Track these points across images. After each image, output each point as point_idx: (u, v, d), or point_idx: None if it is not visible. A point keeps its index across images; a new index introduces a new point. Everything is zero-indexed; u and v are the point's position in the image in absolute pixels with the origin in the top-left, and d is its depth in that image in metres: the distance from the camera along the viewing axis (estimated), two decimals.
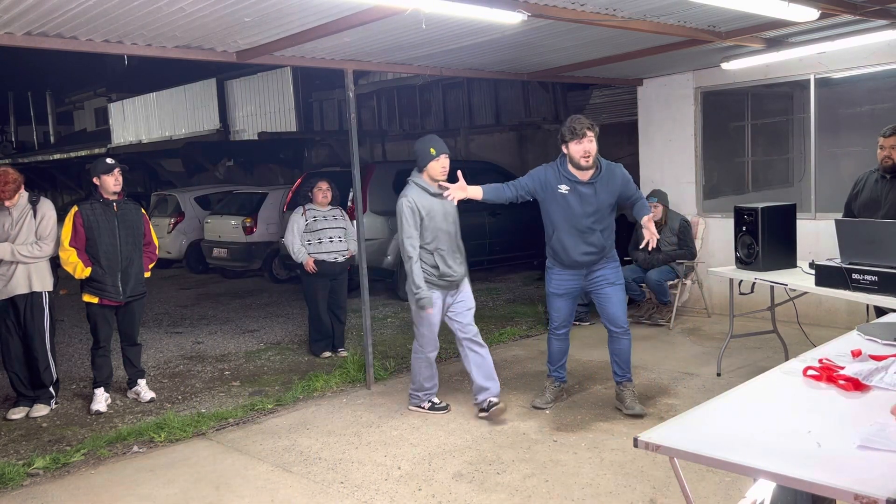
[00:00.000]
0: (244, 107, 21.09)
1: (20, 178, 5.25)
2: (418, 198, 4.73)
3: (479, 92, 16.90)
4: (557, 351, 5.09)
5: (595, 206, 4.63)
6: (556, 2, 4.48)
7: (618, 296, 4.83)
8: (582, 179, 4.58)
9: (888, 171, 4.87)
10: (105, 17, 4.16)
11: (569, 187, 4.60)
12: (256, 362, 6.79)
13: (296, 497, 3.87)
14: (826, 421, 2.23)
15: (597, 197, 4.61)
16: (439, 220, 4.74)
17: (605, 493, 3.73)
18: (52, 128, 32.97)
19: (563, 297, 4.91)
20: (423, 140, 4.90)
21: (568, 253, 4.71)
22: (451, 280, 4.84)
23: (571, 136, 4.49)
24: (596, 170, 4.58)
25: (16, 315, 5.31)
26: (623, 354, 4.90)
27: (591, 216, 4.63)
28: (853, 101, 7.92)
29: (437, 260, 4.75)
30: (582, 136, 4.45)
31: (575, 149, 4.50)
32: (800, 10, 4.49)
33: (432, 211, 4.72)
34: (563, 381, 5.18)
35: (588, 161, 4.48)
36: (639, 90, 8.45)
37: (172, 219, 13.14)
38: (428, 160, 4.78)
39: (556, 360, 5.11)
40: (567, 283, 4.87)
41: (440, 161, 4.78)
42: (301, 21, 4.57)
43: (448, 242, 4.78)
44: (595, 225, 4.66)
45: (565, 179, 4.61)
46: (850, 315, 6.49)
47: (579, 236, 4.66)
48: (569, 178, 4.60)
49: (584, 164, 4.50)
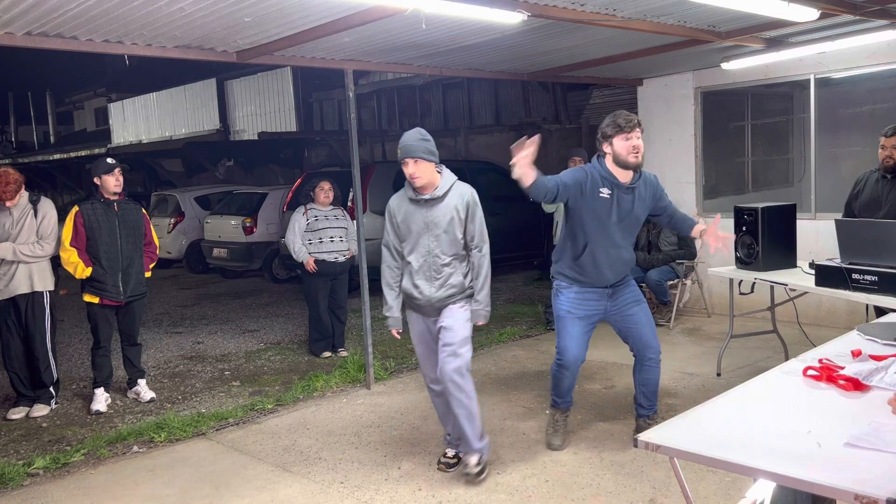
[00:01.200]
0: (244, 107, 21.08)
1: (21, 178, 5.26)
2: (395, 201, 4.02)
3: (479, 92, 16.90)
4: (568, 387, 4.37)
5: (632, 216, 4.09)
6: (556, 2, 4.48)
7: (647, 315, 4.24)
8: (623, 182, 4.02)
9: (889, 171, 4.86)
10: (105, 17, 4.16)
11: (610, 191, 4.01)
12: (256, 362, 6.79)
13: (296, 497, 3.87)
14: (826, 421, 2.23)
15: (635, 204, 4.07)
16: (415, 228, 3.92)
17: (605, 493, 3.73)
18: (52, 128, 32.96)
19: (582, 321, 4.17)
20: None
21: (600, 270, 4.09)
22: (417, 303, 4.06)
23: (617, 130, 3.96)
24: (637, 173, 4.06)
25: (17, 315, 5.32)
26: (653, 385, 4.29)
27: (626, 227, 4.10)
28: (853, 101, 7.93)
29: (404, 275, 4.08)
30: (631, 130, 3.94)
31: (622, 145, 3.95)
32: (800, 10, 4.49)
33: (408, 218, 3.94)
34: (569, 406, 4.52)
35: (637, 158, 3.97)
36: (639, 90, 8.45)
37: (172, 219, 13.14)
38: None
39: (563, 394, 4.40)
40: (588, 303, 4.16)
41: (407, 166, 3.83)
42: (301, 21, 4.57)
43: (421, 257, 3.95)
44: (628, 238, 4.15)
45: (607, 182, 4.01)
46: (850, 315, 6.49)
47: (614, 251, 4.08)
48: (610, 181, 4.01)
49: (633, 162, 3.96)
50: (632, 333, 4.23)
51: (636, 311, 4.21)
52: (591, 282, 4.13)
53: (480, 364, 6.29)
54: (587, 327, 4.20)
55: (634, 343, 4.24)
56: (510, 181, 11.00)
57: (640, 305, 4.24)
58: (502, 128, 15.54)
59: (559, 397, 4.42)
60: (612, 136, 3.98)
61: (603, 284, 4.14)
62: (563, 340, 4.20)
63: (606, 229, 4.05)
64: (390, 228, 4.04)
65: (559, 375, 4.31)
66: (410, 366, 6.33)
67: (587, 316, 4.18)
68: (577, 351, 4.18)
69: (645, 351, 4.24)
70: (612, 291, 4.17)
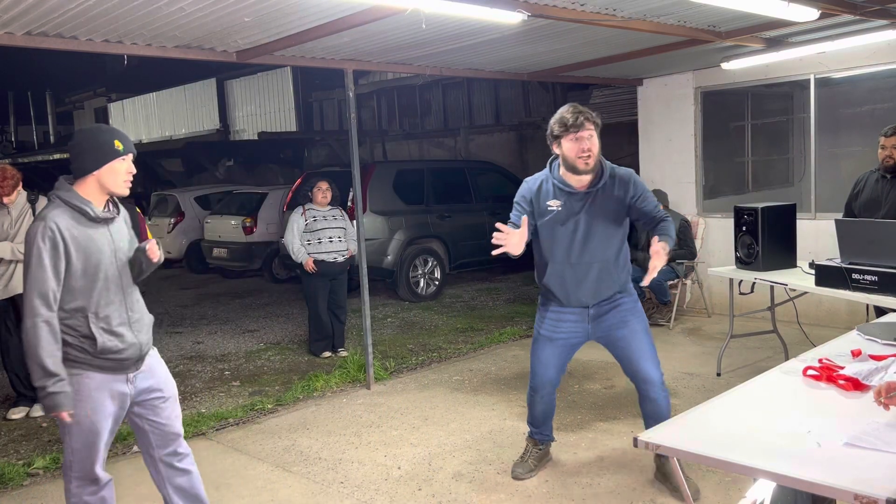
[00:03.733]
0: (244, 107, 21.10)
1: (18, 176, 5.25)
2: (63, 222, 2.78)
3: (479, 92, 16.90)
4: (542, 413, 3.91)
5: (599, 226, 3.46)
6: (556, 2, 4.48)
7: (641, 340, 3.56)
8: (578, 189, 3.45)
9: (889, 171, 4.86)
10: (105, 17, 4.16)
11: (560, 201, 3.46)
12: (256, 362, 6.78)
13: (296, 497, 3.87)
14: (826, 421, 2.23)
15: (599, 211, 3.45)
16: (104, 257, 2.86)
17: (605, 493, 3.73)
18: (52, 128, 32.94)
19: (555, 343, 3.67)
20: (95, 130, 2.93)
21: (568, 290, 3.56)
22: (119, 358, 2.90)
23: (563, 129, 3.37)
24: (596, 176, 3.45)
25: (16, 315, 5.31)
26: (662, 417, 3.48)
27: (595, 239, 3.47)
28: (853, 101, 7.93)
29: (91, 326, 2.86)
30: (579, 128, 3.33)
31: (570, 147, 3.37)
32: (800, 10, 4.49)
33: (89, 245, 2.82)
34: (549, 440, 4.04)
35: (588, 163, 3.35)
36: (639, 90, 8.45)
37: (172, 219, 13.13)
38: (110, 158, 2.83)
39: (540, 422, 3.95)
40: (565, 325, 3.63)
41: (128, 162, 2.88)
42: (301, 21, 4.57)
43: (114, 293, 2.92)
44: (603, 251, 3.48)
45: (557, 191, 3.47)
46: (850, 315, 6.49)
47: (582, 268, 3.49)
48: (562, 189, 3.47)
49: (583, 167, 3.36)
50: (623, 363, 3.63)
51: (625, 335, 3.56)
52: (566, 298, 3.59)
53: (480, 364, 6.29)
54: (562, 351, 3.70)
55: (630, 375, 3.64)
56: (510, 181, 11.04)
57: (628, 328, 3.55)
58: (502, 128, 15.55)
59: (534, 426, 3.98)
60: (560, 136, 3.40)
61: (579, 305, 3.59)
62: (533, 364, 3.79)
63: (567, 245, 3.48)
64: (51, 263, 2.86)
65: (531, 400, 3.90)
66: (410, 366, 6.33)
67: (564, 339, 3.66)
68: (548, 375, 3.74)
69: (644, 386, 3.57)
70: (594, 312, 3.58)
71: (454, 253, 9.96)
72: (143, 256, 3.02)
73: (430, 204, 9.90)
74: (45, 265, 2.78)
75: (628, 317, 3.58)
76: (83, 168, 2.84)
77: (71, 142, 2.94)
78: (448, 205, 10.08)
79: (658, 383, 3.57)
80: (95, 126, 3.05)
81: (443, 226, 9.87)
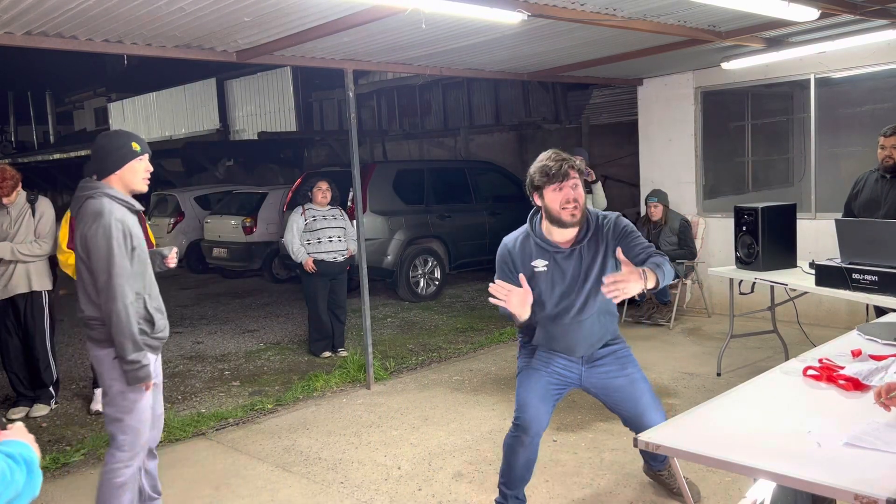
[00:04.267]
0: (244, 107, 21.08)
1: (18, 176, 5.25)
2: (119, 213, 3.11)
3: (479, 92, 16.90)
4: (523, 465, 3.28)
5: (589, 280, 3.09)
6: (556, 2, 4.48)
7: (644, 389, 3.23)
8: (563, 247, 3.09)
9: (888, 171, 4.86)
10: (105, 16, 4.16)
11: (547, 262, 3.10)
12: (256, 362, 6.78)
13: (296, 497, 3.87)
14: (826, 421, 2.23)
15: (589, 266, 3.09)
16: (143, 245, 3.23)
17: (605, 493, 3.73)
18: (51, 128, 32.94)
19: (549, 373, 3.22)
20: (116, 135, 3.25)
21: (558, 346, 3.24)
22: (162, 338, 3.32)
23: (545, 180, 2.98)
24: (582, 229, 3.08)
25: (15, 315, 5.32)
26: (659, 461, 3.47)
27: (583, 297, 3.11)
28: (853, 101, 7.93)
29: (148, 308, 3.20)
30: (563, 179, 2.96)
31: (552, 198, 2.98)
32: (800, 9, 4.49)
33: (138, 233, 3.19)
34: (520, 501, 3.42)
35: (574, 214, 2.98)
36: (639, 90, 8.45)
37: (172, 219, 13.13)
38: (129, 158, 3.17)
39: (516, 483, 3.33)
40: (559, 360, 3.25)
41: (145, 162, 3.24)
42: (301, 21, 4.57)
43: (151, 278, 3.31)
44: (590, 307, 3.13)
45: (541, 251, 3.11)
46: (850, 315, 6.49)
47: (575, 325, 3.16)
48: (546, 248, 3.10)
49: (568, 219, 2.99)
50: (624, 412, 3.27)
51: (624, 386, 3.22)
52: (560, 352, 3.25)
53: (480, 364, 6.29)
54: (556, 386, 3.23)
55: (631, 423, 3.28)
56: (510, 181, 11.05)
57: (627, 377, 3.22)
58: (502, 128, 15.54)
59: (507, 486, 3.34)
60: (542, 186, 3.01)
61: (572, 356, 3.25)
62: (520, 396, 3.23)
63: (556, 306, 3.15)
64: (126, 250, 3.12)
65: (511, 445, 3.26)
66: (410, 366, 6.33)
67: (556, 374, 3.23)
68: (538, 410, 3.18)
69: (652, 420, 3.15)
70: (587, 356, 3.25)
71: (454, 253, 9.96)
72: (158, 259, 3.40)
73: (430, 204, 9.90)
74: (124, 254, 3.06)
75: (627, 364, 3.26)
76: (107, 169, 3.13)
77: (93, 146, 3.22)
78: (448, 205, 10.08)
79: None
80: (113, 131, 3.35)
81: (443, 226, 9.87)
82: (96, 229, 3.01)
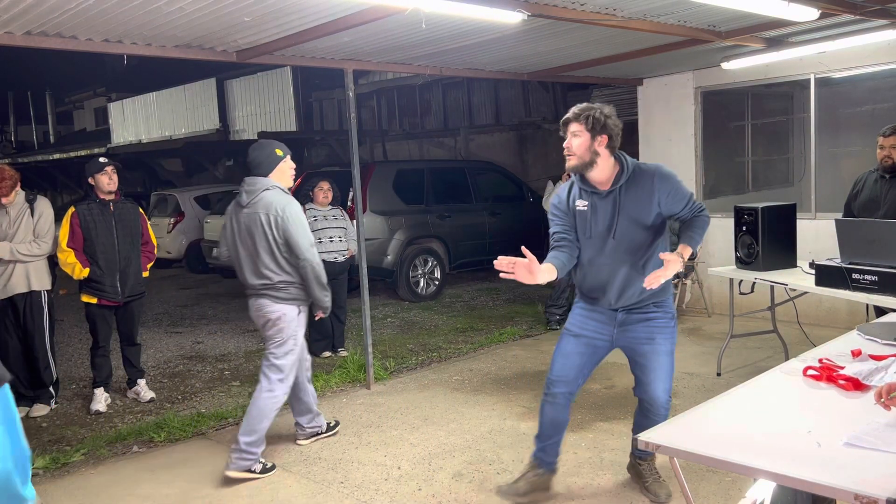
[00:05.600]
0: (244, 107, 21.09)
1: (16, 176, 5.25)
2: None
3: (479, 92, 16.91)
4: (550, 422, 3.57)
5: (624, 226, 3.30)
6: (556, 2, 4.48)
7: (663, 362, 3.40)
8: (601, 188, 3.34)
9: (887, 171, 4.86)
10: (105, 16, 4.16)
11: (587, 202, 3.37)
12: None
13: (296, 497, 3.87)
14: (826, 421, 2.23)
15: (622, 211, 3.29)
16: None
17: (605, 493, 3.73)
18: (52, 128, 32.95)
19: (579, 339, 3.49)
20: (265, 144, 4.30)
21: (595, 290, 3.45)
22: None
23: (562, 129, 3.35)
24: (618, 174, 3.32)
25: (14, 315, 5.31)
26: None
27: (618, 240, 3.32)
28: (853, 101, 7.93)
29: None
30: (565, 126, 3.31)
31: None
32: (800, 9, 4.49)
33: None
34: (550, 467, 3.67)
35: (569, 160, 3.29)
36: (639, 90, 8.45)
37: (172, 219, 13.14)
38: (277, 162, 4.23)
39: (546, 435, 3.60)
40: (592, 323, 3.49)
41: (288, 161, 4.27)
42: (301, 21, 4.57)
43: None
44: (625, 254, 3.32)
45: (583, 192, 3.40)
46: (850, 315, 6.49)
47: (607, 268, 3.36)
48: (586, 189, 3.38)
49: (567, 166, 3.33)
50: (637, 377, 3.51)
51: (647, 353, 3.40)
52: (595, 299, 3.48)
53: (480, 364, 6.29)
54: (585, 350, 3.49)
55: (639, 391, 3.51)
56: (510, 181, 11.04)
57: (653, 346, 3.39)
58: (502, 128, 15.55)
59: (539, 439, 3.64)
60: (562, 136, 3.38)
61: (607, 306, 3.44)
62: (553, 357, 3.57)
63: (594, 245, 3.38)
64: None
65: (542, 402, 3.60)
66: (410, 366, 6.33)
67: (588, 337, 3.49)
68: (566, 370, 3.49)
69: (648, 405, 3.46)
70: (621, 318, 3.43)
71: (454, 253, 9.97)
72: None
73: (430, 204, 9.90)
74: (308, 227, 4.20)
75: (656, 334, 3.41)
76: (264, 172, 4.18)
77: (248, 158, 4.20)
78: (448, 205, 10.08)
79: (662, 406, 3.43)
80: (259, 142, 4.30)
81: (443, 226, 9.87)
82: (293, 210, 4.10)
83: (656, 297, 3.41)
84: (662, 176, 3.30)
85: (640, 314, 3.42)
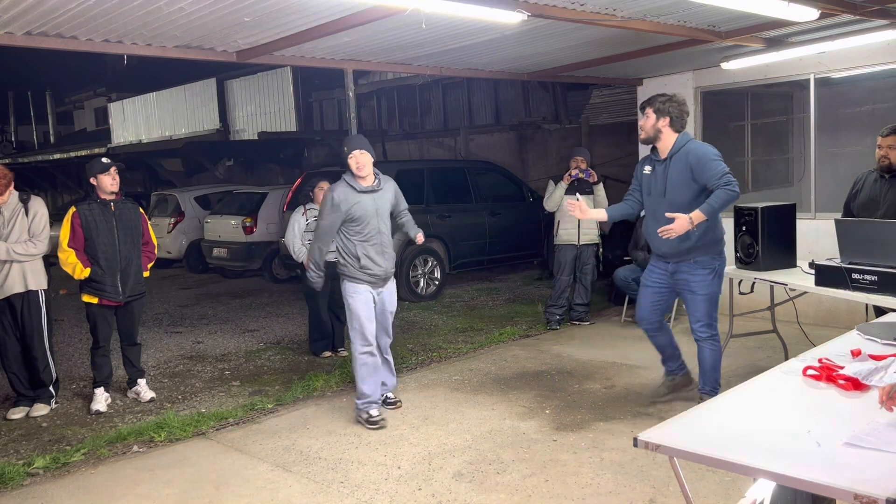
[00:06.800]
0: (244, 107, 21.09)
1: (10, 175, 5.24)
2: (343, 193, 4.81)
3: (479, 92, 16.91)
4: (658, 346, 4.88)
5: (671, 189, 4.38)
6: (556, 2, 4.48)
7: (699, 303, 4.53)
8: (661, 158, 4.47)
9: (886, 171, 4.87)
10: (105, 16, 4.16)
11: (651, 167, 4.55)
12: (256, 362, 6.79)
13: (296, 497, 3.87)
14: (826, 421, 2.23)
15: (670, 177, 4.38)
16: (368, 214, 4.82)
17: (605, 493, 3.73)
18: (52, 128, 32.95)
19: (648, 288, 4.74)
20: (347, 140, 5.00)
21: (650, 240, 4.61)
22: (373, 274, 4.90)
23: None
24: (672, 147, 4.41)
25: (12, 315, 5.31)
26: (704, 363, 4.67)
27: (667, 199, 4.39)
28: (853, 101, 7.92)
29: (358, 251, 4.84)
30: (641, 111, 4.51)
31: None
32: (800, 9, 4.50)
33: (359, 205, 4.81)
34: (674, 372, 4.91)
35: (641, 135, 4.53)
36: (639, 90, 8.45)
37: (172, 219, 13.14)
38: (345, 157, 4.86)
39: (663, 354, 4.90)
40: (653, 274, 4.70)
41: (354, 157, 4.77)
42: (301, 21, 4.57)
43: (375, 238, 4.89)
44: (673, 211, 4.29)
45: (650, 160, 4.57)
46: (850, 315, 6.49)
47: (661, 222, 4.34)
48: (654, 158, 4.54)
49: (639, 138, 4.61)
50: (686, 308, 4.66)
51: (686, 298, 4.56)
52: (655, 250, 4.64)
53: (480, 364, 6.29)
54: (651, 293, 4.69)
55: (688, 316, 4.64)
56: (510, 181, 11.02)
57: (691, 292, 4.50)
58: (502, 128, 15.55)
59: (662, 361, 4.95)
60: None
61: (661, 254, 4.57)
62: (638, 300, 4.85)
63: (651, 202, 4.53)
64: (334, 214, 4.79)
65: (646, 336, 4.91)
66: (410, 366, 6.33)
67: (654, 284, 4.68)
68: (643, 310, 4.74)
69: (692, 325, 4.59)
70: (673, 269, 4.55)
71: (454, 253, 9.96)
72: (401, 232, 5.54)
73: (430, 204, 9.90)
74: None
75: (694, 284, 4.48)
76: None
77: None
78: (448, 205, 10.08)
79: (698, 332, 4.56)
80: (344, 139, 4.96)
81: (443, 226, 9.86)
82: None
83: (696, 254, 4.42)
84: (696, 152, 4.32)
85: (687, 265, 4.47)
